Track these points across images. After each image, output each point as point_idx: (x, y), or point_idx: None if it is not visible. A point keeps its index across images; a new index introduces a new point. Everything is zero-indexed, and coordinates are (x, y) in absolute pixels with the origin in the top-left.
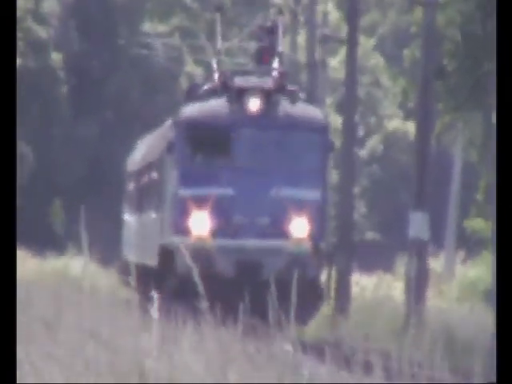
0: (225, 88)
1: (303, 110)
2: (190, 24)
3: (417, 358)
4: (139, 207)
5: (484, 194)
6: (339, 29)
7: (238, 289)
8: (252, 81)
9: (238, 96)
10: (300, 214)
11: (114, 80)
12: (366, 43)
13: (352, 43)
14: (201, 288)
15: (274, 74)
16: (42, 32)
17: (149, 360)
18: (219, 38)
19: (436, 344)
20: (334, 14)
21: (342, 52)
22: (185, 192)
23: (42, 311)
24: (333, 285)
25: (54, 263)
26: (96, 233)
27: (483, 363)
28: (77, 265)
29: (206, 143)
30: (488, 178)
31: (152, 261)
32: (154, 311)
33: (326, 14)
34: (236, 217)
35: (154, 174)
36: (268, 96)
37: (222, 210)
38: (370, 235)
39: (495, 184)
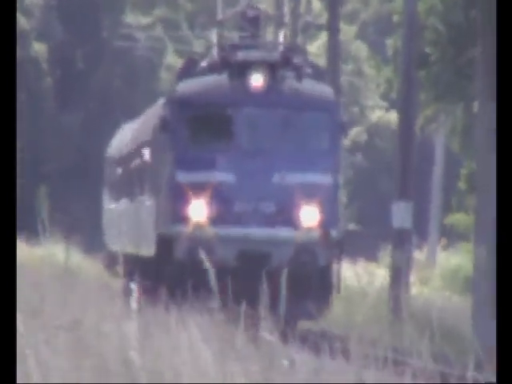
0: (225, 63)
1: (311, 86)
2: (172, 15)
3: (400, 345)
4: (128, 194)
5: (466, 182)
6: (321, 16)
7: (241, 280)
8: (255, 54)
9: (240, 71)
10: (309, 200)
11: (97, 71)
12: (348, 31)
13: (333, 30)
14: (203, 278)
15: (280, 47)
16: (24, 23)
17: (132, 348)
18: (220, 8)
19: (419, 331)
20: (316, 4)
21: (323, 37)
22: (182, 177)
23: (25, 298)
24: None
25: (38, 250)
26: (81, 220)
27: (462, 349)
28: (61, 252)
29: (204, 123)
30: (470, 167)
31: (148, 250)
32: (133, 302)
33: (309, 2)
34: (238, 204)
35: (147, 157)
36: (273, 71)
37: (222, 197)
38: (353, 225)
39: (477, 173)
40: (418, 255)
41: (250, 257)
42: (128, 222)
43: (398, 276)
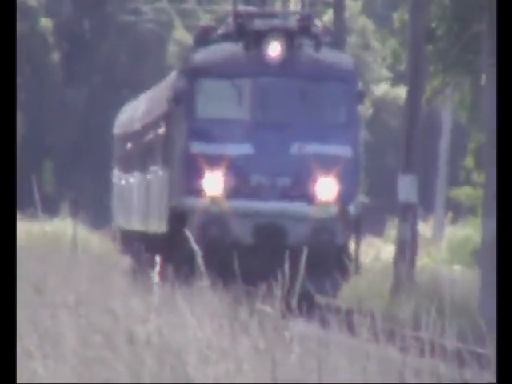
0: (241, 32)
1: (330, 55)
2: None
3: (407, 319)
4: (140, 168)
5: (473, 156)
6: None
7: (257, 257)
8: (272, 23)
9: (257, 40)
10: (327, 172)
11: (103, 45)
12: (353, 7)
13: (339, 7)
14: (217, 255)
15: (297, 16)
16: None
17: (140, 324)
18: None
19: (426, 305)
20: None
21: (330, 14)
22: (196, 148)
23: (30, 274)
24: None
25: (44, 226)
26: (86, 196)
27: (473, 322)
28: (67, 228)
29: (220, 93)
30: (477, 141)
31: (160, 225)
32: (155, 275)
33: None
34: (254, 177)
35: (160, 130)
36: (290, 39)
37: (238, 170)
38: (360, 199)
39: (484, 146)
40: (425, 229)
41: (266, 233)
42: (139, 197)
43: (404, 249)
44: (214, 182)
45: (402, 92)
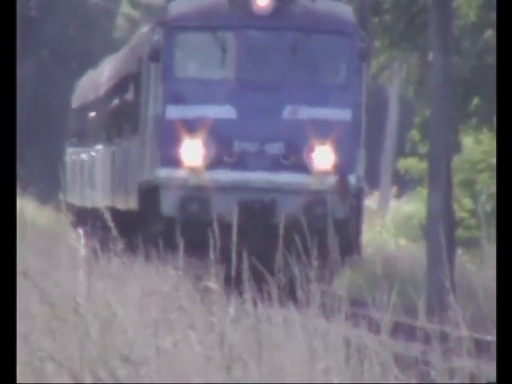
0: None
1: (327, 5)
2: None
3: (356, 296)
4: (104, 140)
5: (419, 130)
6: None
7: (242, 236)
8: None
9: None
10: (323, 139)
11: (50, 20)
12: None
13: None
14: (197, 237)
15: None
16: None
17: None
18: None
19: (375, 280)
20: None
21: None
22: (173, 112)
23: None
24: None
25: None
26: (36, 171)
27: (423, 297)
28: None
29: (200, 50)
30: (423, 115)
31: (128, 202)
32: (81, 246)
33: None
34: (239, 144)
35: (128, 95)
36: None
37: (221, 136)
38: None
39: (430, 120)
40: (370, 203)
41: (252, 208)
42: (104, 171)
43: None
44: (193, 151)
45: None
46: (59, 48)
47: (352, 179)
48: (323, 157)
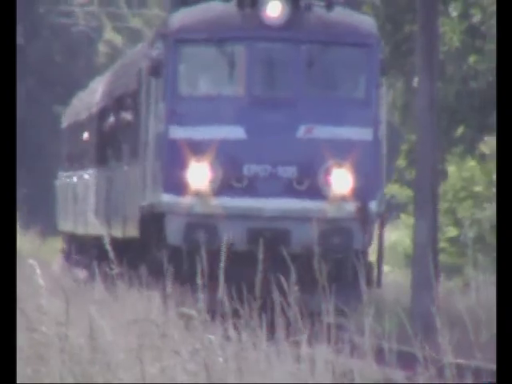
0: None
1: (345, 16)
2: None
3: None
4: (100, 162)
5: (405, 157)
6: None
7: (253, 266)
8: None
9: None
10: (341, 160)
11: (35, 46)
12: None
13: None
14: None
15: None
16: None
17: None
18: None
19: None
20: None
21: None
22: (177, 133)
23: None
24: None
25: None
26: (20, 196)
27: (408, 322)
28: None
29: (207, 63)
30: (410, 142)
31: (126, 229)
32: (67, 274)
33: None
34: (249, 167)
35: (125, 114)
36: None
37: (229, 158)
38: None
39: (416, 147)
40: None
41: (264, 237)
42: (98, 196)
43: None
44: (199, 175)
45: None
46: (44, 74)
47: (373, 205)
48: (341, 181)
